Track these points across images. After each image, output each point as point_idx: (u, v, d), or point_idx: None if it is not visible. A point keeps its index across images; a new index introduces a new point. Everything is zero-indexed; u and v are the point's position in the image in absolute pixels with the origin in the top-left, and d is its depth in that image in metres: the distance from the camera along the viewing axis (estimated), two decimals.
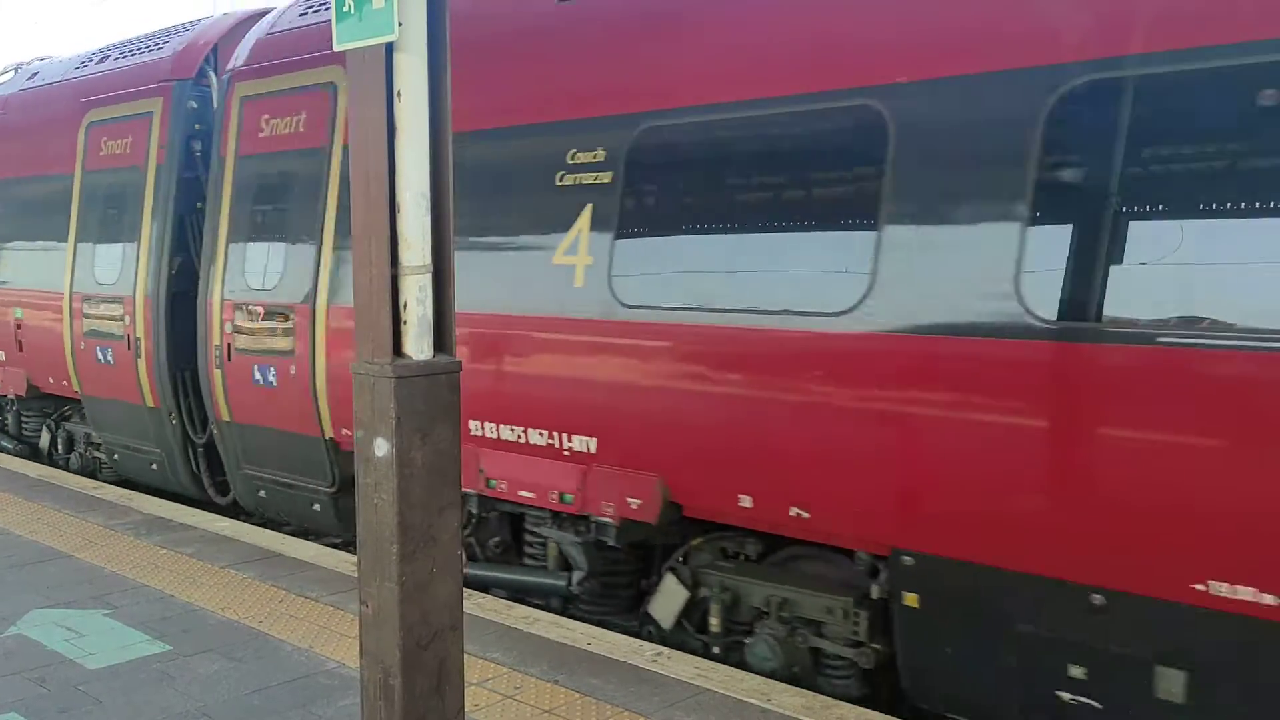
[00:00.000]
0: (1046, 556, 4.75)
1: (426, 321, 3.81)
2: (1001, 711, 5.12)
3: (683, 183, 5.94)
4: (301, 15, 8.62)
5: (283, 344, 8.16)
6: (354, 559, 7.37)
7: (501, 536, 7.20)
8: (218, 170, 8.90)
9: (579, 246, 6.27)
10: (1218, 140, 4.34)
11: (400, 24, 3.62)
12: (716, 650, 6.15)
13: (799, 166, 5.56)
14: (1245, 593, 4.24)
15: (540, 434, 6.54)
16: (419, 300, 3.78)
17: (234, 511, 9.54)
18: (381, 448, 3.76)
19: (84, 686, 5.43)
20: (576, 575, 6.68)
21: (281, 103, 8.37)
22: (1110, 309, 4.49)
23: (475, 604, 6.58)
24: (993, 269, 4.78)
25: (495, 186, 6.78)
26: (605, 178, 6.21)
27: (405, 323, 3.79)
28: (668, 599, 6.28)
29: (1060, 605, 4.75)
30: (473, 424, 6.84)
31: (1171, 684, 4.57)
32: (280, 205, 8.36)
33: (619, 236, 6.11)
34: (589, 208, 6.23)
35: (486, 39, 6.88)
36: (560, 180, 6.40)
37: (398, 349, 3.78)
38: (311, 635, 6.13)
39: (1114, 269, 4.50)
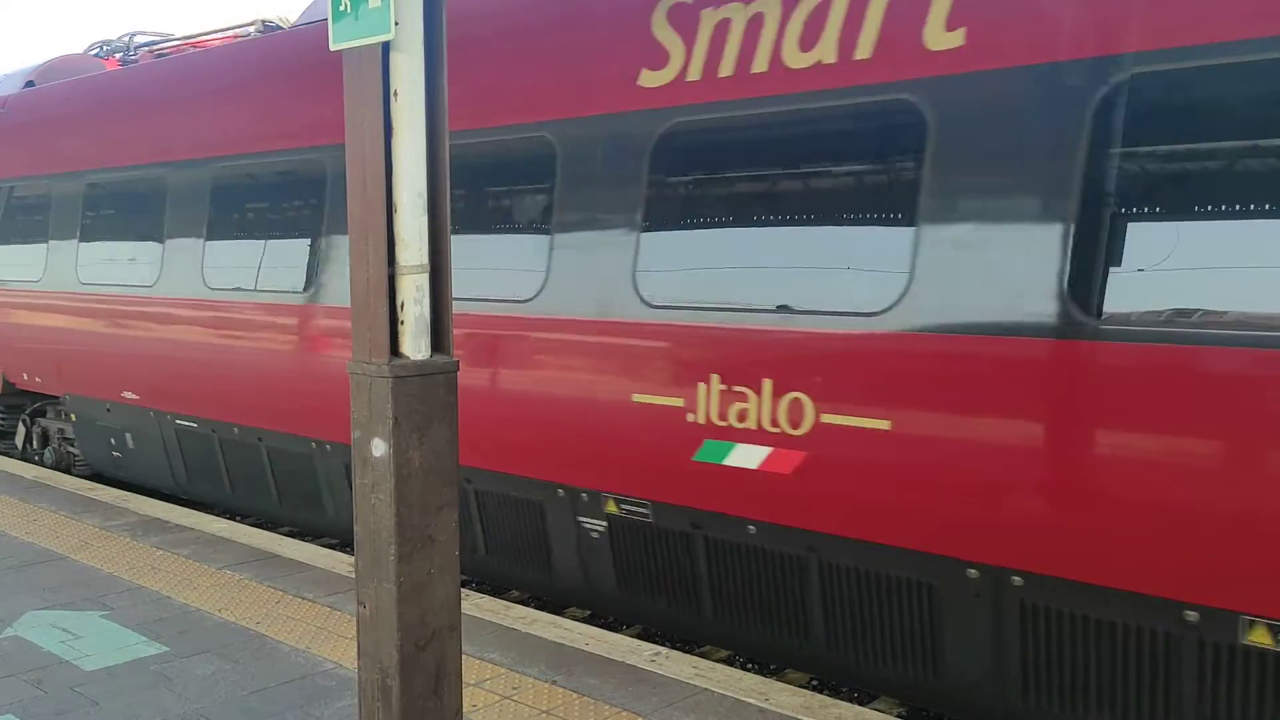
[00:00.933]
0: (94, 387, 10.79)
1: (424, 321, 3.80)
2: (114, 465, 10.98)
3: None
4: None
5: None
6: (351, 560, 7.36)
7: None
8: None
9: None
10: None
11: (397, 23, 3.61)
12: (37, 459, 12.21)
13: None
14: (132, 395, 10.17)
15: None
16: (416, 300, 3.77)
17: None
18: (379, 448, 3.75)
19: (80, 688, 5.41)
20: None
21: None
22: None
23: (473, 604, 6.57)
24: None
25: None
26: None
27: (402, 323, 3.78)
28: (19, 435, 12.49)
29: (97, 413, 10.78)
30: None
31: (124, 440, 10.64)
32: None
33: None
34: None
35: None
36: None
37: (395, 349, 3.78)
38: (309, 636, 6.12)
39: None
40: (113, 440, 10.74)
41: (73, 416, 11.26)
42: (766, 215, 5.80)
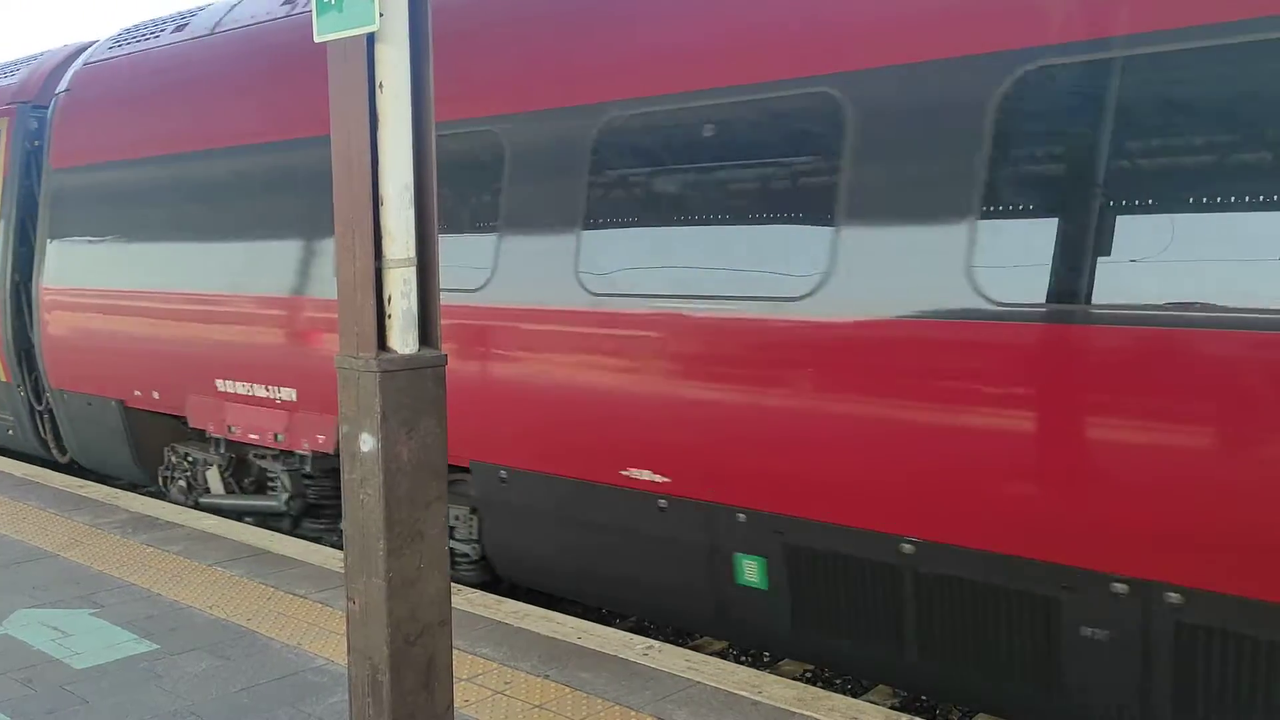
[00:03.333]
0: None
1: (411, 315, 3.79)
2: None
3: None
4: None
5: None
6: (342, 555, 7.34)
7: None
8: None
9: None
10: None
11: (381, 14, 3.58)
12: None
13: None
14: None
15: None
16: (403, 294, 3.75)
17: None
18: (367, 443, 3.73)
19: (71, 686, 5.39)
20: None
21: None
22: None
23: (464, 599, 6.56)
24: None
25: None
26: None
27: (390, 316, 3.76)
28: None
29: None
30: None
31: None
32: None
33: None
34: None
35: None
36: None
37: (382, 343, 3.76)
38: (300, 632, 6.11)
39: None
40: None
41: None
42: None
